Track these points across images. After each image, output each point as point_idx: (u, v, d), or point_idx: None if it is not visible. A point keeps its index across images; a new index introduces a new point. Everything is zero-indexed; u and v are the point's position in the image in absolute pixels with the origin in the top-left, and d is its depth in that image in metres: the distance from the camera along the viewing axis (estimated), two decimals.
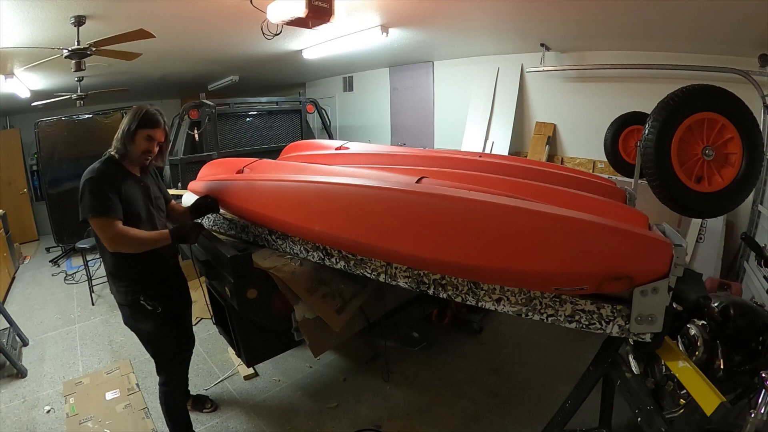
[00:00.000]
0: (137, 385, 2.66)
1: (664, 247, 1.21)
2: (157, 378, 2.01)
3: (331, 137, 5.92)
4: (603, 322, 1.29)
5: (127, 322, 1.91)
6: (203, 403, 2.47)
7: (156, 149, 1.84)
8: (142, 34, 2.67)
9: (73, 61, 3.00)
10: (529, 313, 1.37)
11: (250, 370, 2.75)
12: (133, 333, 1.95)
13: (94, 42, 2.87)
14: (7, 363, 2.81)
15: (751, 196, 2.86)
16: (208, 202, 2.11)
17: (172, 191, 2.52)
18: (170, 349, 1.98)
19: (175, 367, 2.04)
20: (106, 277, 1.95)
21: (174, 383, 2.04)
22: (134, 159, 1.80)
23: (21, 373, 2.82)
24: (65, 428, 2.32)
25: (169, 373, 2.00)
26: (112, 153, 1.78)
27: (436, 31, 4.13)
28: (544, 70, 4.28)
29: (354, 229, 1.55)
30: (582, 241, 1.24)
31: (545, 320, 1.35)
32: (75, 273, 4.74)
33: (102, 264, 1.91)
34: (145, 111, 1.77)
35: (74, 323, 3.61)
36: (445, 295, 1.50)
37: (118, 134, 1.77)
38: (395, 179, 1.76)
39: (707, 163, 1.76)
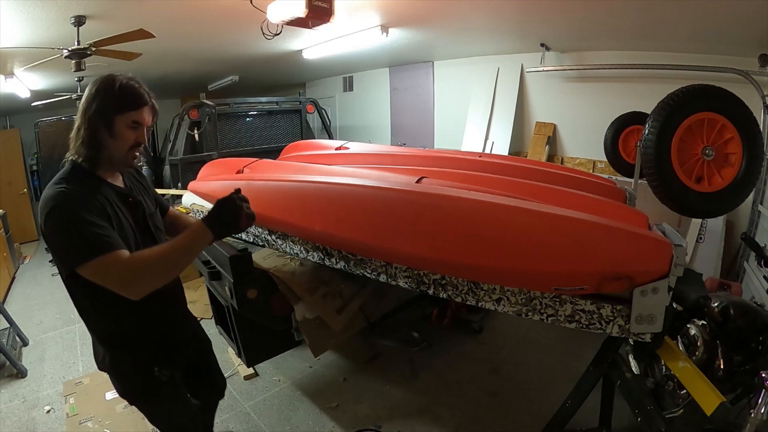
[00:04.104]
0: None
1: (664, 247, 1.21)
2: None
3: (331, 137, 5.93)
4: (603, 322, 1.28)
5: (131, 397, 1.37)
6: None
7: (146, 138, 1.26)
8: (142, 34, 2.67)
9: (73, 61, 3.00)
10: (529, 313, 1.37)
11: (250, 370, 2.75)
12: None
13: (94, 42, 2.88)
14: (7, 363, 2.81)
15: (751, 196, 2.86)
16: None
17: (171, 192, 2.49)
18: (191, 420, 1.51)
19: None
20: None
21: None
22: (116, 161, 1.22)
23: (21, 373, 2.82)
24: (65, 428, 2.32)
25: None
26: (78, 160, 1.17)
27: (436, 31, 4.13)
28: (544, 70, 4.28)
29: (354, 229, 1.55)
30: (582, 241, 1.24)
31: (545, 320, 1.35)
32: None
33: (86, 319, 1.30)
34: (119, 85, 1.16)
35: (74, 323, 3.60)
36: (445, 295, 1.50)
37: (81, 130, 1.16)
38: (395, 179, 1.76)
39: (707, 163, 1.76)
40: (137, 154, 1.25)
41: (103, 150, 1.18)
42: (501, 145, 4.76)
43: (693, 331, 1.81)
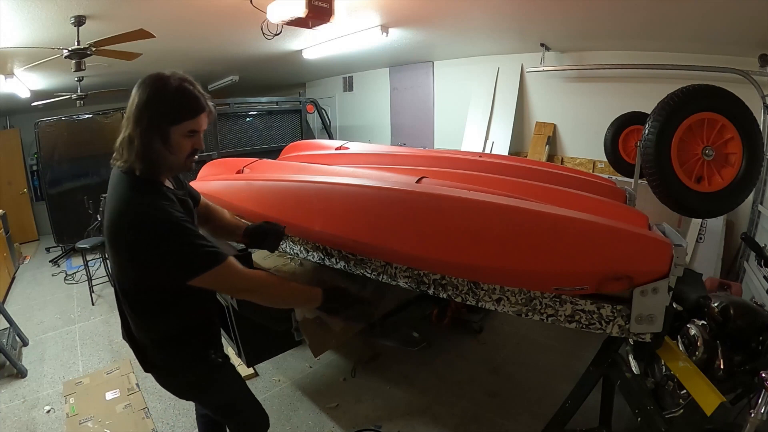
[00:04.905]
0: (137, 385, 2.66)
1: (664, 247, 1.21)
2: None
3: (331, 137, 5.93)
4: (603, 322, 1.28)
5: (193, 391, 1.38)
6: None
7: (203, 143, 1.20)
8: (142, 34, 2.67)
9: (73, 61, 3.01)
10: (529, 313, 1.37)
11: (250, 370, 2.75)
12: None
13: (94, 42, 2.88)
14: (7, 363, 2.81)
15: (751, 196, 2.86)
16: (278, 229, 1.56)
17: None
18: (253, 400, 1.52)
19: (266, 419, 1.56)
20: (137, 340, 1.31)
21: None
22: (174, 169, 1.21)
23: (21, 373, 2.82)
24: (65, 428, 2.32)
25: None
26: (139, 174, 1.11)
27: (436, 31, 4.13)
28: (544, 70, 4.28)
29: (354, 229, 1.55)
30: (582, 240, 1.24)
31: (545, 320, 1.35)
32: (75, 273, 4.74)
33: (125, 306, 1.25)
34: (174, 92, 1.08)
35: (74, 323, 3.61)
36: (445, 295, 1.50)
37: (134, 142, 1.08)
38: (395, 179, 1.76)
39: (707, 163, 1.76)
40: (195, 159, 1.21)
41: (161, 161, 1.13)
42: (501, 145, 4.76)
43: (693, 331, 1.81)
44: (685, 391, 1.55)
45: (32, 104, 5.02)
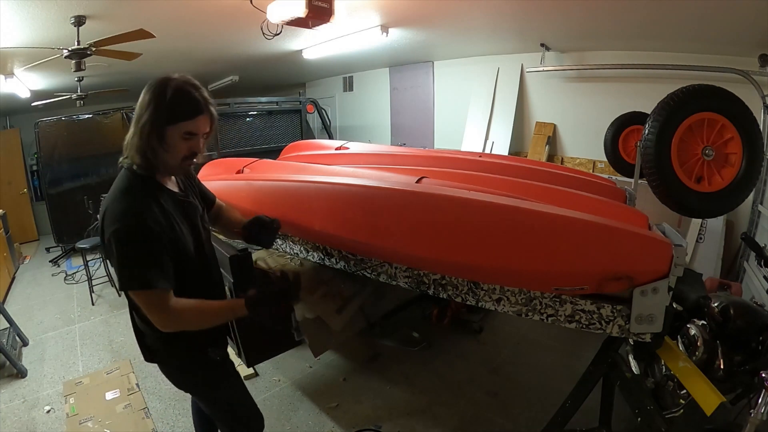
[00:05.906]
0: (137, 385, 2.66)
1: (664, 247, 1.21)
2: None
3: (331, 137, 5.94)
4: (603, 322, 1.28)
5: (189, 386, 1.43)
6: None
7: (203, 146, 1.23)
8: (142, 34, 2.67)
9: (73, 61, 3.01)
10: (529, 313, 1.37)
11: (250, 370, 2.75)
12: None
13: (94, 42, 2.88)
14: (7, 363, 2.81)
15: (751, 196, 2.86)
16: (271, 225, 1.53)
17: None
18: (250, 400, 1.52)
19: (261, 422, 1.55)
20: (137, 329, 1.33)
21: None
22: (171, 170, 1.23)
23: (21, 373, 2.82)
24: (65, 428, 2.32)
25: None
26: (134, 168, 1.18)
27: (436, 31, 4.13)
28: (544, 70, 4.28)
29: (354, 229, 1.55)
30: (582, 240, 1.24)
31: (545, 320, 1.35)
32: (75, 273, 4.74)
33: (133, 316, 1.31)
34: (172, 93, 1.12)
35: (74, 323, 3.61)
36: (445, 295, 1.50)
37: (134, 138, 1.15)
38: (395, 179, 1.76)
39: (707, 163, 1.76)
40: (191, 163, 1.24)
41: (157, 159, 1.16)
42: (501, 145, 4.76)
43: (693, 331, 1.81)
44: (685, 391, 1.55)
45: (32, 104, 5.02)
